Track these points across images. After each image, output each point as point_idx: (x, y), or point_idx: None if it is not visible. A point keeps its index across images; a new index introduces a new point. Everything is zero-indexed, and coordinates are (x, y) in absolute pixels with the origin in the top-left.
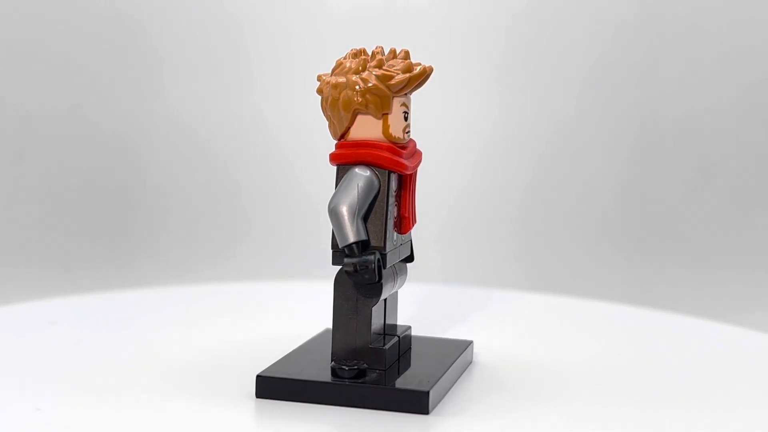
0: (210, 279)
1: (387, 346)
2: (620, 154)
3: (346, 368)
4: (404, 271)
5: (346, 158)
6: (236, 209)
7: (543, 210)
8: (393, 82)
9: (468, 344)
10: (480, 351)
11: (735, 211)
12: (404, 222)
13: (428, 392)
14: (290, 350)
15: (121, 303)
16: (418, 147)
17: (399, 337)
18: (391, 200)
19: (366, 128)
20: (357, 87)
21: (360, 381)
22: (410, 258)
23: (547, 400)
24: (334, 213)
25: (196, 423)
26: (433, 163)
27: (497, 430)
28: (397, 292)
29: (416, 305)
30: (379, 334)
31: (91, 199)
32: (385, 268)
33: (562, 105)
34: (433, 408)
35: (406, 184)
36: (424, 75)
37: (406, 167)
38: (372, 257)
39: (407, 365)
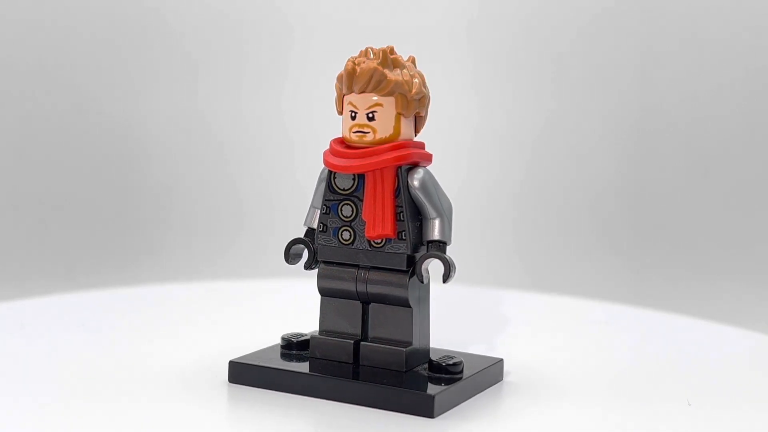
0: (212, 278)
1: (316, 337)
2: (618, 153)
3: (293, 340)
4: (391, 284)
5: None
6: (235, 209)
7: (540, 210)
8: (337, 80)
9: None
10: (477, 350)
11: (735, 211)
12: (365, 226)
13: (229, 362)
14: None
15: (118, 301)
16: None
17: (359, 342)
18: (333, 195)
19: None
20: None
21: (285, 347)
22: (422, 276)
23: (545, 400)
24: None
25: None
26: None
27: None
28: (404, 309)
29: None
30: (350, 333)
31: (90, 198)
32: (318, 256)
33: (555, 102)
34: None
35: (366, 185)
36: (348, 72)
37: (327, 164)
38: (290, 241)
39: (334, 363)
